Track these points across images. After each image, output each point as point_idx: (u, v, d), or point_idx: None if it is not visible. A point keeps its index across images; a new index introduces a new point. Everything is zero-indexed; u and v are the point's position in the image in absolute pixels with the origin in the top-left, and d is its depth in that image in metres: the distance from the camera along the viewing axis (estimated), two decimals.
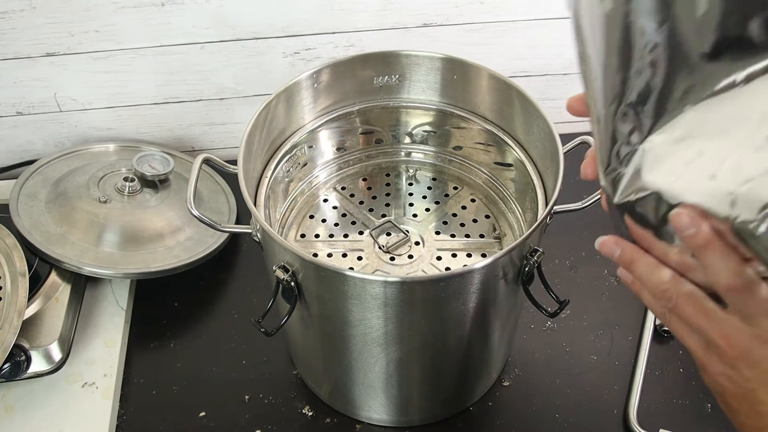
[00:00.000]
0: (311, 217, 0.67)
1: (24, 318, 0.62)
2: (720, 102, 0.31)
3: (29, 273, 0.65)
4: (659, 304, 0.37)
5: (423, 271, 0.60)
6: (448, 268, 0.61)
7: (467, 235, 0.64)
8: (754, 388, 0.34)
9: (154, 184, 0.77)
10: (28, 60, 0.78)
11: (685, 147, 0.33)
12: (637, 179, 0.35)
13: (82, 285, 0.72)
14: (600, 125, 0.37)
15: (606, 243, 0.39)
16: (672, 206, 0.34)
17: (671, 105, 0.33)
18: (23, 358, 0.62)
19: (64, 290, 0.68)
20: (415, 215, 0.66)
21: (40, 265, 0.69)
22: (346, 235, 0.64)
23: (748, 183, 0.30)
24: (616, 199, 0.37)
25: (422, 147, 0.70)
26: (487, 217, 0.66)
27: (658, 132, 0.34)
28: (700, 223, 0.32)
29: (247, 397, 0.65)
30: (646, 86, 0.34)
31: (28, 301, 0.65)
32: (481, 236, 0.64)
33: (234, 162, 0.54)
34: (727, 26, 0.30)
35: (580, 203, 0.55)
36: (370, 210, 0.67)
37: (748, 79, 0.30)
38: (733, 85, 0.31)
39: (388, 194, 0.69)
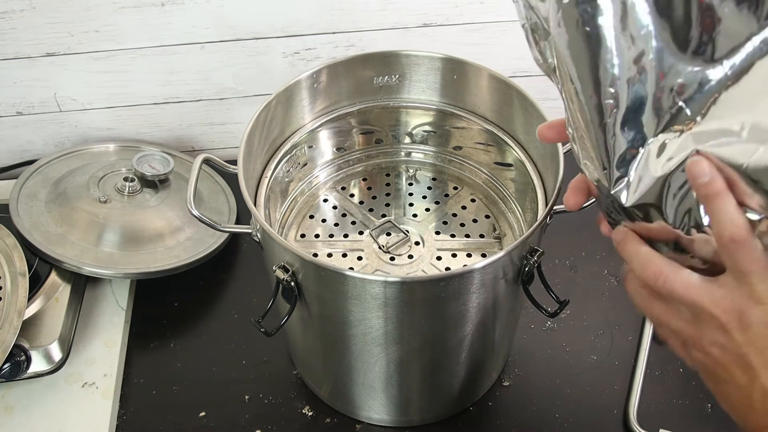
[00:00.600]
0: (311, 217, 0.67)
1: (24, 318, 0.62)
2: (711, 94, 0.34)
3: (29, 273, 0.65)
4: (644, 289, 0.39)
5: (423, 271, 0.60)
6: (448, 268, 0.61)
7: (467, 235, 0.64)
8: (746, 352, 0.35)
9: (154, 184, 0.77)
10: (28, 60, 0.78)
11: (685, 136, 0.35)
12: (646, 175, 0.37)
13: (82, 285, 0.72)
14: (595, 141, 0.38)
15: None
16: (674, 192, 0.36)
17: (666, 106, 0.35)
18: (23, 358, 0.62)
19: (64, 290, 0.68)
20: (415, 215, 0.66)
21: (40, 265, 0.69)
22: (346, 235, 0.64)
23: (754, 155, 0.32)
24: (628, 203, 0.39)
25: (422, 147, 0.70)
26: (487, 217, 0.66)
27: (661, 133, 0.36)
28: (715, 171, 0.33)
29: (247, 397, 0.65)
30: (638, 95, 0.36)
31: (28, 301, 0.65)
32: (481, 236, 0.64)
33: (234, 162, 0.54)
34: (702, 21, 0.32)
35: None
36: (370, 210, 0.67)
37: (732, 69, 0.33)
38: (720, 78, 0.33)
39: (388, 194, 0.69)
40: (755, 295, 0.34)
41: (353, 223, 0.65)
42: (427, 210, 0.67)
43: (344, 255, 0.62)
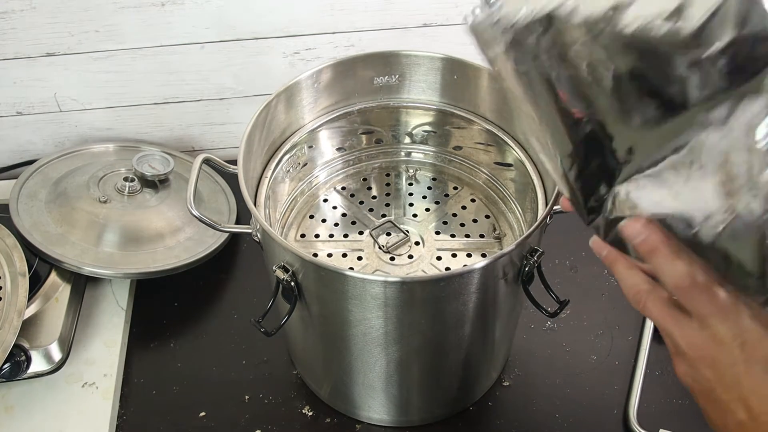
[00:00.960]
0: (311, 217, 0.67)
1: (24, 318, 0.62)
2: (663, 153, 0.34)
3: (29, 273, 0.65)
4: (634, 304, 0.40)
5: (423, 271, 0.60)
6: (448, 268, 0.61)
7: (467, 235, 0.64)
8: (713, 387, 0.36)
9: (154, 184, 0.77)
10: (28, 60, 0.78)
11: (640, 190, 0.36)
12: (611, 220, 0.38)
13: (82, 285, 0.72)
14: (568, 185, 0.40)
15: (597, 242, 0.41)
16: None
17: (622, 162, 0.36)
18: (23, 358, 0.62)
19: (64, 290, 0.68)
20: (415, 215, 0.66)
21: (40, 265, 0.69)
22: (346, 235, 0.64)
23: (695, 228, 0.33)
24: (602, 237, 0.40)
25: (422, 147, 0.70)
26: (487, 217, 0.66)
27: (621, 182, 0.37)
28: (649, 229, 0.35)
29: (247, 397, 0.65)
30: (598, 155, 0.37)
31: (28, 301, 0.65)
32: (481, 236, 0.64)
33: (234, 162, 0.54)
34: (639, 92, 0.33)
35: None
36: (370, 210, 0.67)
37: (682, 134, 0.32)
38: (671, 145, 0.33)
39: (388, 194, 0.69)
40: (717, 337, 0.35)
41: (353, 223, 0.65)
42: (427, 210, 0.67)
43: (344, 255, 0.62)
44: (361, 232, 0.64)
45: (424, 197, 0.68)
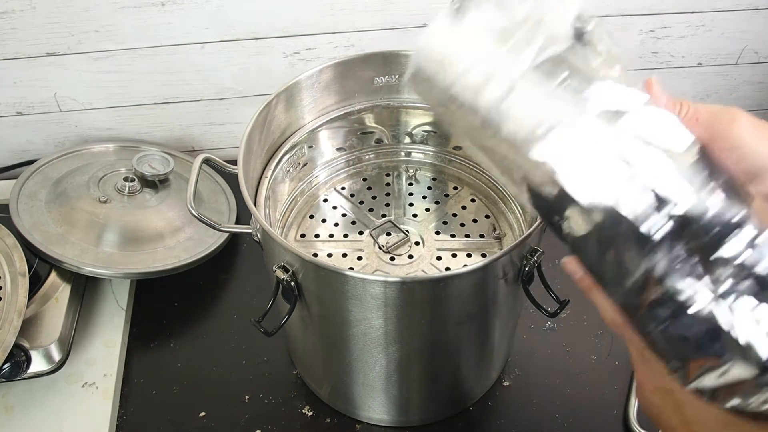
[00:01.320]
0: (311, 217, 0.67)
1: (24, 318, 0.62)
2: None
3: (29, 273, 0.65)
4: None
5: (423, 271, 0.60)
6: (448, 268, 0.61)
7: (467, 235, 0.64)
8: (661, 412, 0.37)
9: (154, 184, 0.77)
10: (28, 60, 0.78)
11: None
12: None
13: (82, 285, 0.72)
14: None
15: (570, 261, 0.41)
16: None
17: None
18: (23, 358, 0.62)
19: (64, 290, 0.68)
20: (415, 215, 0.66)
21: (40, 265, 0.69)
22: (346, 235, 0.64)
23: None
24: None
25: (422, 147, 0.70)
26: (487, 217, 0.66)
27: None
28: (583, 268, 0.37)
29: (247, 397, 0.65)
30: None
31: (28, 301, 0.65)
32: (481, 236, 0.64)
33: (234, 162, 0.54)
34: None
35: None
36: (370, 210, 0.67)
37: None
38: None
39: (388, 194, 0.69)
40: (655, 368, 0.36)
41: (353, 223, 0.65)
42: (427, 210, 0.67)
43: (344, 255, 0.62)
44: (361, 232, 0.64)
45: (424, 197, 0.68)
